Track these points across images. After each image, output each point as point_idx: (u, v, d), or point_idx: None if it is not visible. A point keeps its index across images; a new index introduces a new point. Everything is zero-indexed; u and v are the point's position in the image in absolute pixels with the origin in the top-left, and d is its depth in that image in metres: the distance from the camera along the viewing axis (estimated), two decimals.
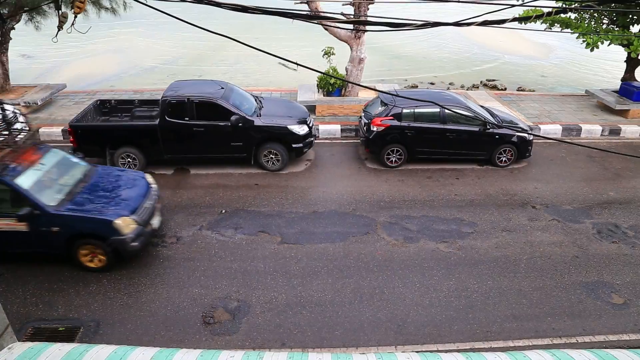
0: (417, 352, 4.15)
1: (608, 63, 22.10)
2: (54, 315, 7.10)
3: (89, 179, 8.52)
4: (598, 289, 7.81)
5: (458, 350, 6.44)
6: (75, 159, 8.87)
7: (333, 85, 14.43)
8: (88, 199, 7.99)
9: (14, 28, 14.36)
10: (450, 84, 20.02)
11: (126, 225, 7.68)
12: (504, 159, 11.68)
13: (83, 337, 6.70)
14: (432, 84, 20.12)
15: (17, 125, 11.78)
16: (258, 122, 10.98)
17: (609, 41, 14.44)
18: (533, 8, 9.20)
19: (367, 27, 14.38)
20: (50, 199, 7.67)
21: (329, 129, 13.42)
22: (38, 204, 7.48)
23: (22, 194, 7.44)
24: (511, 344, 6.79)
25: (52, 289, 7.62)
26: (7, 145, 7.73)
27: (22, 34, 16.29)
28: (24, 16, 14.57)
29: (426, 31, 25.91)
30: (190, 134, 10.85)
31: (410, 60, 23.79)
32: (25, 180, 7.60)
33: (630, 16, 14.60)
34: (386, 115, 11.30)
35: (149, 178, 9.06)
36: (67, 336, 6.69)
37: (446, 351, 6.45)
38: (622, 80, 16.01)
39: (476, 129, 11.34)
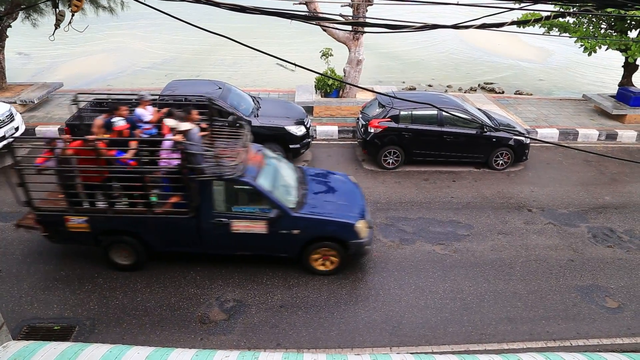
0: (411, 353, 4.15)
1: (605, 68, 22.19)
2: (49, 314, 7.08)
3: (305, 180, 8.47)
4: (593, 293, 7.83)
5: (453, 352, 6.46)
6: (283, 159, 8.80)
7: (331, 86, 14.45)
8: (318, 202, 7.92)
9: (10, 26, 14.31)
10: (448, 86, 20.06)
11: (363, 228, 7.65)
12: (500, 162, 11.71)
13: (78, 336, 6.68)
14: (429, 86, 20.15)
15: (12, 124, 11.79)
16: (255, 122, 10.97)
17: (606, 46, 14.51)
18: (531, 12, 9.23)
19: (366, 29, 14.40)
20: (287, 201, 7.61)
21: (326, 130, 13.43)
22: (281, 206, 7.41)
23: (266, 196, 7.36)
24: (505, 346, 6.80)
25: (47, 287, 7.59)
26: (241, 146, 7.54)
27: (18, 32, 16.23)
28: (21, 14, 14.53)
29: (424, 33, 25.98)
30: None
31: (408, 62, 23.83)
32: (264, 183, 7.52)
33: (628, 21, 14.67)
34: (384, 117, 11.32)
35: (353, 178, 9.08)
36: (62, 335, 6.67)
37: (441, 353, 6.48)
38: (619, 85, 16.09)
39: (473, 131, 11.37)
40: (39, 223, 7.47)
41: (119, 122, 7.62)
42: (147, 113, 8.51)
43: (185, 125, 7.30)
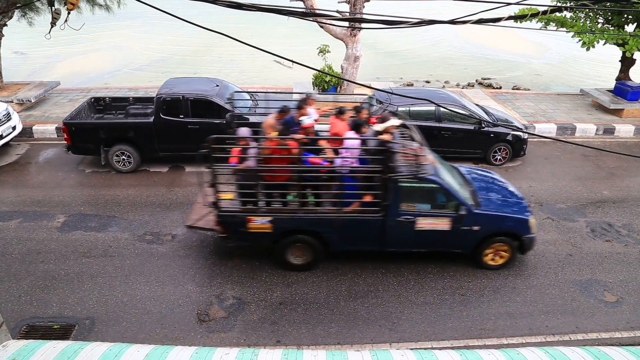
0: (411, 349, 4.16)
1: (603, 62, 22.18)
2: (49, 313, 7.08)
3: (465, 177, 8.59)
4: (591, 287, 7.85)
5: (452, 348, 6.47)
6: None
7: (328, 83, 14.42)
8: (490, 199, 8.09)
9: (6, 25, 14.25)
10: (445, 82, 20.04)
11: (534, 223, 7.92)
12: (498, 157, 11.72)
13: (78, 335, 6.68)
14: (427, 82, 20.14)
15: (9, 123, 11.77)
16: (253, 119, 10.94)
17: (604, 40, 14.50)
18: (528, 7, 9.22)
19: (363, 25, 14.36)
20: (467, 198, 7.71)
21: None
22: (466, 204, 7.51)
23: (452, 194, 7.48)
24: (505, 341, 6.82)
25: (46, 286, 7.59)
26: (419, 145, 7.56)
27: (15, 30, 16.17)
28: (17, 12, 14.47)
29: (422, 29, 25.91)
30: (185, 131, 10.82)
31: (406, 58, 23.80)
32: (448, 181, 7.66)
33: (626, 15, 14.66)
34: (381, 114, 11.30)
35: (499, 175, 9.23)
36: (61, 334, 6.67)
37: (440, 348, 6.48)
38: (616, 79, 16.08)
39: (471, 127, 11.37)
40: (220, 224, 7.50)
41: (306, 120, 7.65)
42: (312, 112, 8.54)
43: (387, 125, 7.39)
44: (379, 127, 7.46)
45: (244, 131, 7.62)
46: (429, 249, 8.00)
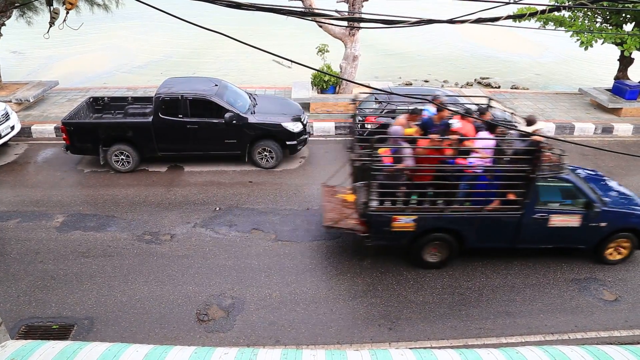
0: (410, 348, 4.16)
1: (601, 61, 22.20)
2: (48, 313, 7.08)
3: (579, 174, 8.68)
4: (590, 286, 7.86)
5: (451, 347, 6.47)
6: None
7: (327, 82, 14.42)
8: (611, 196, 8.30)
9: (4, 24, 14.24)
10: (444, 81, 20.05)
11: None
12: None
13: (77, 335, 6.67)
14: (426, 81, 20.14)
15: (8, 123, 11.75)
16: (252, 119, 10.96)
17: (602, 40, 14.51)
18: (527, 6, 9.22)
19: (362, 24, 14.36)
20: (595, 197, 7.95)
21: (323, 127, 13.42)
22: (595, 201, 7.78)
23: (584, 192, 7.81)
24: (504, 340, 6.83)
25: (45, 286, 7.58)
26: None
27: (13, 30, 16.15)
28: (15, 12, 14.45)
29: (420, 29, 25.89)
30: (184, 131, 10.82)
31: (404, 57, 23.81)
32: (578, 180, 8.02)
33: (624, 15, 14.68)
34: (380, 113, 11.30)
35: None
36: (60, 334, 6.67)
37: (439, 348, 6.48)
38: (615, 78, 16.10)
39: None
40: (365, 223, 7.65)
41: (457, 124, 7.76)
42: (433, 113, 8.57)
43: (536, 127, 7.66)
44: (527, 129, 7.75)
45: (396, 130, 7.84)
46: (556, 245, 8.22)
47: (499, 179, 7.47)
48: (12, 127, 11.84)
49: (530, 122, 7.84)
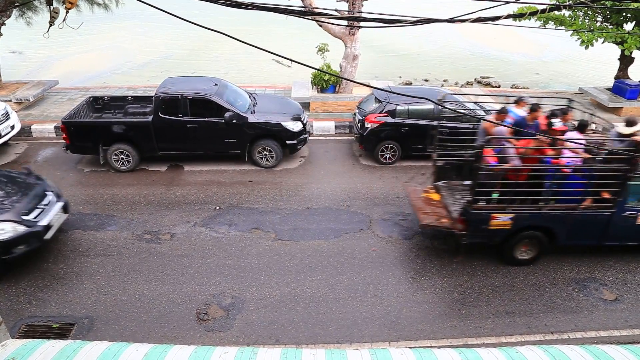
0: (410, 347, 4.16)
1: (601, 61, 22.19)
2: (48, 312, 7.08)
3: None
4: (590, 285, 7.87)
5: (451, 346, 6.48)
6: None
7: (327, 81, 14.42)
8: None
9: (4, 24, 14.23)
10: (444, 80, 20.05)
11: None
12: None
13: (77, 334, 6.68)
14: (426, 80, 20.14)
15: (8, 122, 11.76)
16: (252, 118, 10.96)
17: (603, 39, 14.50)
18: (527, 5, 9.21)
19: (361, 24, 14.36)
20: None
21: (323, 126, 13.42)
22: None
23: None
24: (504, 340, 6.83)
25: (45, 285, 7.59)
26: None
27: (12, 30, 16.13)
28: (15, 12, 14.45)
29: (420, 28, 25.88)
30: (183, 130, 10.82)
31: (404, 57, 23.80)
32: None
33: (624, 14, 14.67)
34: (380, 112, 11.32)
35: None
36: (60, 333, 6.67)
37: (439, 347, 6.48)
38: (615, 78, 16.09)
39: (470, 126, 11.35)
40: (464, 222, 7.80)
41: (558, 124, 8.00)
42: (523, 113, 8.70)
43: (636, 128, 7.81)
44: (626, 130, 7.89)
45: (500, 131, 7.97)
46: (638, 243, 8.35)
47: (594, 178, 7.62)
48: (12, 127, 11.84)
49: (630, 123, 7.97)
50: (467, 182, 8.51)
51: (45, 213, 8.07)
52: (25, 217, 7.73)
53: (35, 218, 7.86)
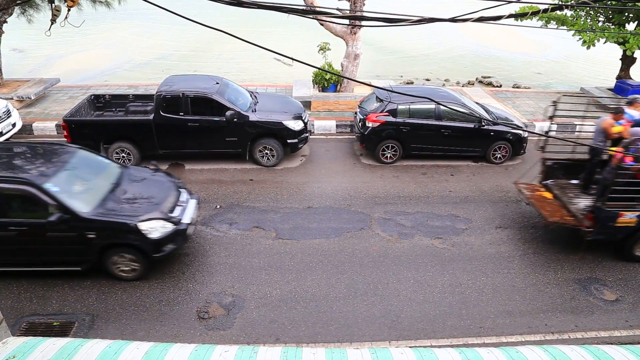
0: (410, 347, 4.16)
1: (603, 61, 22.17)
2: (49, 310, 7.09)
3: None
4: (591, 286, 7.86)
5: (451, 346, 6.48)
6: None
7: (328, 80, 14.42)
8: None
9: (6, 22, 14.24)
10: (445, 80, 20.04)
11: None
12: (498, 155, 11.72)
13: (77, 332, 6.68)
14: (427, 80, 20.13)
15: (9, 120, 11.77)
16: (253, 117, 10.96)
17: (604, 39, 14.48)
18: (529, 5, 9.19)
19: (363, 23, 14.35)
20: None
21: (324, 125, 13.42)
22: None
23: None
24: (504, 339, 6.83)
25: (46, 283, 7.59)
26: None
27: (14, 28, 16.15)
28: (16, 9, 14.45)
29: (422, 27, 25.89)
30: (185, 129, 10.82)
31: (406, 56, 23.79)
32: None
33: (626, 14, 14.65)
34: (381, 112, 11.31)
35: None
36: (61, 331, 6.68)
37: (439, 346, 6.49)
38: (617, 78, 16.07)
39: (471, 125, 11.37)
40: (593, 219, 7.98)
41: None
42: (637, 114, 8.82)
43: None
44: None
45: (636, 132, 8.15)
46: None
47: None
48: (14, 125, 11.85)
49: None
50: (574, 181, 9.24)
51: (185, 210, 8.00)
52: (171, 215, 7.67)
53: (178, 216, 7.77)
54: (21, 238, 7.17)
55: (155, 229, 7.35)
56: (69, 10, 4.40)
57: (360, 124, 11.74)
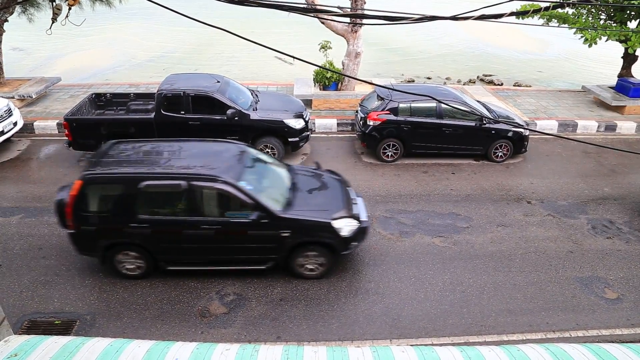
0: (411, 345, 4.16)
1: (605, 59, 22.12)
2: (50, 309, 7.10)
3: None
4: (592, 284, 7.85)
5: (452, 344, 6.48)
6: None
7: (329, 79, 14.41)
8: None
9: (7, 20, 14.25)
10: (446, 78, 20.01)
11: None
12: (500, 154, 11.70)
13: (79, 331, 6.70)
14: (428, 78, 20.10)
15: (11, 119, 11.78)
16: (254, 116, 10.96)
17: (606, 37, 14.45)
18: (530, 3, 9.18)
19: (364, 21, 14.34)
20: None
21: (325, 123, 13.41)
22: None
23: None
24: (505, 338, 6.82)
25: (48, 282, 7.61)
26: None
27: (15, 26, 16.15)
28: (17, 8, 14.45)
29: (423, 26, 25.88)
30: (186, 127, 10.81)
31: (407, 54, 23.77)
32: None
33: (628, 12, 14.61)
34: (382, 110, 11.30)
35: None
36: (63, 329, 6.70)
37: (440, 345, 6.49)
38: (618, 76, 16.04)
39: (472, 124, 11.35)
40: None
41: None
42: None
43: None
44: None
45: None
46: None
47: None
48: (15, 123, 11.86)
49: None
50: None
51: (358, 208, 7.98)
52: (354, 213, 7.69)
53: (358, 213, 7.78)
54: (216, 237, 7.16)
55: (345, 226, 7.42)
56: (69, 9, 4.40)
57: (361, 123, 11.73)
